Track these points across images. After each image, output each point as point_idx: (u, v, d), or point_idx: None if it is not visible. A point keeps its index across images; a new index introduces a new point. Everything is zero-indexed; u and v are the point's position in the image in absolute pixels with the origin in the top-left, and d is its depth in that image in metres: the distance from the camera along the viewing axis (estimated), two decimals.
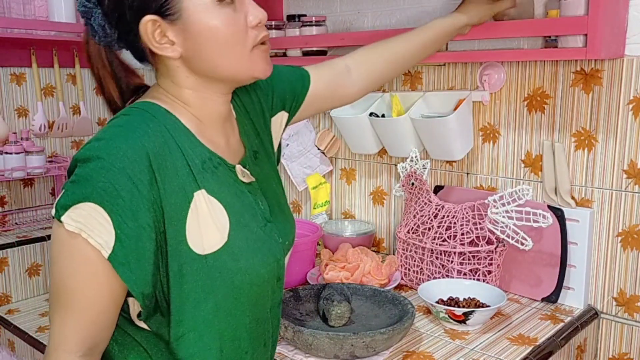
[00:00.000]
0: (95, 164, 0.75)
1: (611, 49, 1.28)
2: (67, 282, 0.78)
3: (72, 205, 0.75)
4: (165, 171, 0.79)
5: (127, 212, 0.76)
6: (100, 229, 0.75)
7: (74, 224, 0.75)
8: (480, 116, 1.58)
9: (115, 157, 0.76)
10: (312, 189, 1.92)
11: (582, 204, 1.44)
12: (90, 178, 0.75)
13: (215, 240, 0.82)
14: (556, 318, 1.38)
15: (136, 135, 0.78)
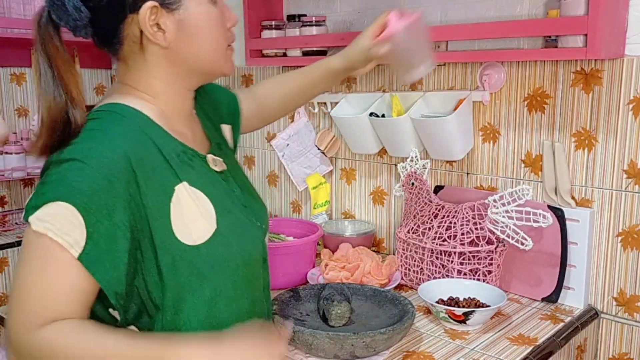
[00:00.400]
0: (69, 165, 0.77)
1: (611, 49, 1.29)
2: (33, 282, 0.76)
3: (41, 205, 0.76)
4: (145, 169, 0.81)
5: (102, 210, 0.76)
6: (70, 227, 0.75)
7: (41, 223, 0.75)
8: (480, 116, 1.58)
9: (91, 158, 0.77)
10: (312, 189, 1.92)
11: (582, 204, 1.44)
12: (63, 178, 0.76)
13: (204, 230, 0.84)
14: (556, 318, 1.38)
15: (113, 136, 0.80)
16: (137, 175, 0.79)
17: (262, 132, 2.12)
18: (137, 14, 0.83)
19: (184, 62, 0.88)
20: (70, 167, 0.77)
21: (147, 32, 0.84)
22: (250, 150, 2.18)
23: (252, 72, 2.10)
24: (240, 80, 2.15)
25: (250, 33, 1.85)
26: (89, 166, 0.77)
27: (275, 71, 2.03)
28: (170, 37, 0.85)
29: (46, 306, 0.77)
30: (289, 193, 2.09)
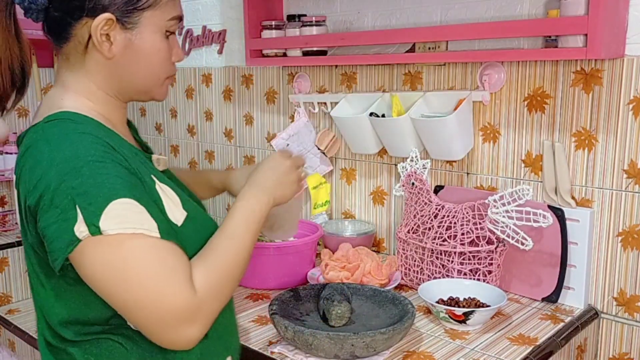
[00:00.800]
0: (89, 169, 0.78)
1: (611, 49, 1.28)
2: (144, 281, 0.79)
3: (101, 213, 0.77)
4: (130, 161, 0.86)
5: (143, 192, 0.82)
6: (139, 218, 0.79)
7: (116, 227, 0.77)
8: (480, 116, 1.58)
9: (96, 155, 0.80)
10: (313, 189, 1.92)
11: (583, 203, 1.44)
12: (98, 181, 0.78)
13: (178, 216, 0.90)
14: (556, 318, 1.38)
15: (86, 134, 0.82)
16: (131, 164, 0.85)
17: (262, 132, 2.12)
18: (92, 19, 0.86)
19: (120, 78, 0.91)
20: (93, 168, 0.78)
21: (95, 40, 0.87)
22: (250, 150, 2.18)
23: (252, 72, 2.10)
24: (241, 80, 2.15)
25: (250, 33, 1.85)
26: (107, 161, 0.80)
27: (275, 71, 2.03)
28: (116, 51, 0.89)
29: (183, 268, 0.82)
30: None
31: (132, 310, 0.80)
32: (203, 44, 2.25)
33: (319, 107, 1.90)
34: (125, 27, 0.88)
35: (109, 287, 0.79)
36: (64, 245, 0.77)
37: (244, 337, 1.29)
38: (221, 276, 0.86)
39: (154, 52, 0.91)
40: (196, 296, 0.81)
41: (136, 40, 0.89)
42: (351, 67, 1.82)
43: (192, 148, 2.41)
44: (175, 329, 0.80)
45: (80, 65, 0.90)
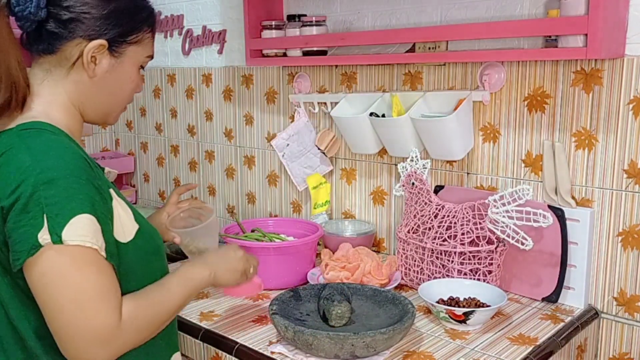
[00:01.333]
0: (65, 182, 0.84)
1: (611, 49, 1.28)
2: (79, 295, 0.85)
3: (65, 224, 0.83)
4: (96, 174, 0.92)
5: (104, 211, 0.89)
6: (97, 234, 0.86)
7: (78, 238, 0.83)
8: (480, 116, 1.58)
9: (75, 170, 0.86)
10: (313, 189, 1.92)
11: (583, 203, 1.44)
12: (69, 194, 0.84)
13: (131, 228, 0.97)
14: (556, 318, 1.38)
15: (68, 146, 0.89)
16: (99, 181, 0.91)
17: (262, 132, 2.12)
18: (87, 41, 0.94)
19: (93, 97, 0.99)
20: (67, 183, 0.84)
21: (85, 60, 0.95)
22: (250, 150, 2.18)
23: (252, 72, 2.11)
24: (241, 80, 2.15)
25: (251, 33, 1.85)
26: (81, 178, 0.86)
27: (275, 71, 2.03)
28: (98, 72, 0.97)
29: (117, 297, 0.89)
30: (289, 193, 2.09)
31: (57, 320, 0.85)
32: (203, 44, 2.25)
33: (319, 107, 1.90)
34: (112, 55, 0.98)
35: (48, 295, 0.85)
36: (27, 248, 0.83)
37: (244, 337, 1.29)
38: (146, 317, 0.93)
39: (129, 80, 1.02)
40: (118, 325, 0.87)
41: (118, 67, 0.99)
42: (351, 67, 1.82)
43: (192, 148, 2.41)
44: (87, 347, 0.85)
45: (61, 78, 0.97)
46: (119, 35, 0.97)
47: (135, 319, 0.91)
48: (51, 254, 0.83)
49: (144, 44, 1.02)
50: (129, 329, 0.89)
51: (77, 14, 0.93)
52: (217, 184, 2.35)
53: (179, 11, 2.32)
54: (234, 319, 1.39)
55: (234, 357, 1.26)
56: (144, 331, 0.93)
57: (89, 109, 1.01)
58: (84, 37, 0.94)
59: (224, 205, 2.34)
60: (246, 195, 2.24)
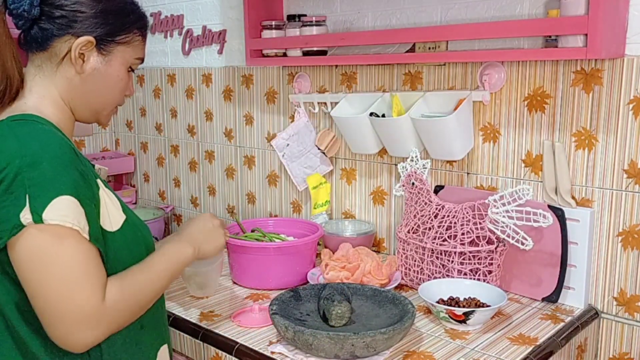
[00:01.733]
0: (49, 164, 0.87)
1: (611, 49, 1.28)
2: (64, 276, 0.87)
3: (47, 204, 0.85)
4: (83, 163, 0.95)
5: (87, 194, 0.91)
6: (78, 215, 0.88)
7: (59, 217, 0.86)
8: (480, 116, 1.58)
9: (60, 155, 0.89)
10: (313, 189, 1.92)
11: (583, 203, 1.44)
12: (52, 176, 0.87)
13: (118, 218, 0.99)
14: (556, 318, 1.38)
15: (57, 137, 0.92)
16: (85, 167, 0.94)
17: (262, 132, 2.12)
18: (75, 38, 0.98)
19: (82, 93, 1.02)
20: (50, 165, 0.87)
21: (73, 55, 0.98)
22: (250, 150, 2.18)
23: (252, 72, 2.11)
24: (241, 80, 2.15)
25: (251, 33, 1.85)
26: (64, 161, 0.89)
27: (275, 71, 2.03)
28: (86, 69, 1.01)
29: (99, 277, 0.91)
30: (289, 193, 2.09)
31: (41, 300, 0.87)
32: (203, 44, 2.25)
33: (319, 107, 1.90)
34: (100, 52, 1.01)
35: (31, 274, 0.87)
36: (9, 227, 0.85)
37: (244, 337, 1.29)
38: (131, 297, 0.95)
39: (117, 79, 1.04)
40: (102, 304, 0.90)
41: (105, 65, 1.02)
42: (351, 67, 1.82)
43: (192, 148, 2.41)
44: (71, 327, 0.88)
45: (51, 75, 1.01)
46: (107, 34, 1.00)
47: (120, 299, 0.93)
48: (32, 232, 0.85)
49: (133, 46, 1.05)
50: (114, 309, 0.92)
51: (68, 12, 0.97)
52: (217, 184, 2.35)
53: (179, 11, 2.32)
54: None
55: (234, 357, 1.26)
56: (128, 311, 0.96)
57: (78, 106, 1.04)
58: (73, 34, 0.98)
59: (224, 205, 2.34)
60: (246, 195, 2.24)
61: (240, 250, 1.56)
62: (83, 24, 0.98)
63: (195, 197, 2.45)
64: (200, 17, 2.24)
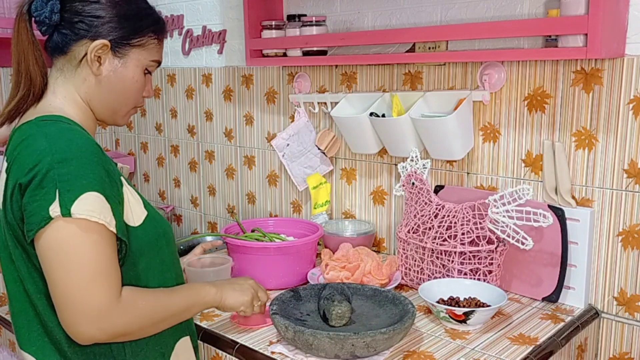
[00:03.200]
0: (77, 162, 0.92)
1: (611, 49, 1.28)
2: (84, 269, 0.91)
3: (75, 199, 0.90)
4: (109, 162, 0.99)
5: (113, 191, 0.95)
6: (105, 211, 0.92)
7: (85, 212, 0.90)
8: (480, 116, 1.58)
9: (87, 153, 0.94)
10: (313, 189, 1.92)
11: (583, 203, 1.44)
12: (81, 173, 0.92)
13: (140, 214, 1.03)
14: (557, 318, 1.38)
15: (83, 136, 0.97)
16: (110, 166, 0.98)
17: (262, 132, 2.12)
18: (91, 41, 1.02)
19: (100, 94, 1.07)
20: (78, 163, 0.92)
21: (89, 58, 1.03)
22: (250, 150, 2.18)
23: (252, 72, 2.10)
24: (241, 80, 2.15)
25: (250, 33, 1.85)
26: (92, 160, 0.94)
27: (275, 71, 2.03)
28: (103, 71, 1.05)
29: (117, 276, 0.94)
30: (289, 193, 2.09)
31: (59, 288, 0.91)
32: (203, 44, 2.25)
33: (319, 107, 1.90)
34: (116, 55, 1.05)
35: (52, 262, 0.91)
36: (39, 220, 0.90)
37: (244, 337, 1.29)
38: (145, 309, 0.98)
39: (132, 81, 1.07)
40: (113, 304, 0.93)
41: (121, 68, 1.06)
42: (351, 67, 1.82)
43: (192, 148, 2.41)
44: (81, 319, 0.91)
45: (71, 77, 1.05)
46: (122, 37, 1.04)
47: (134, 305, 0.96)
48: (60, 224, 0.90)
49: (149, 49, 1.08)
50: (125, 311, 0.94)
51: (86, 17, 1.02)
52: (217, 184, 2.34)
53: (179, 11, 2.32)
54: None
55: (234, 357, 1.26)
56: (138, 321, 0.97)
57: (97, 106, 1.08)
58: (90, 38, 1.02)
59: (224, 205, 2.34)
60: (246, 195, 2.24)
61: (241, 250, 1.55)
62: (99, 28, 1.02)
63: (196, 197, 2.45)
64: (200, 17, 2.24)
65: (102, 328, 0.92)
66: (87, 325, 0.92)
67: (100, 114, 1.10)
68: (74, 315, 0.91)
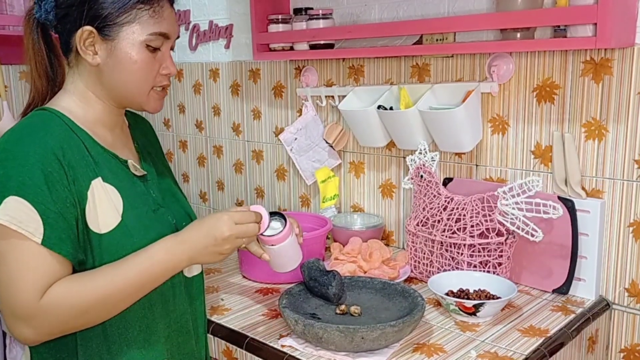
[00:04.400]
0: (13, 162, 0.90)
1: (621, 38, 1.27)
2: (6, 271, 0.90)
3: (1, 202, 0.89)
4: (70, 163, 0.95)
5: (47, 198, 0.90)
6: (27, 219, 0.89)
7: (5, 217, 0.89)
8: (489, 107, 1.57)
9: (26, 155, 0.91)
10: (321, 183, 1.92)
11: (593, 194, 1.43)
12: (11, 175, 0.90)
13: (111, 220, 0.97)
14: (567, 309, 1.38)
15: (41, 133, 0.94)
16: (64, 167, 0.93)
17: (270, 126, 2.12)
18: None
19: (106, 83, 1.03)
20: (11, 165, 0.90)
21: (79, 48, 1.00)
22: (259, 144, 2.18)
23: (259, 66, 2.10)
24: (248, 74, 2.15)
25: (257, 27, 1.84)
26: (27, 162, 0.90)
27: (282, 65, 2.03)
28: (100, 59, 1.00)
29: (38, 278, 0.91)
30: (297, 187, 2.09)
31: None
32: (210, 38, 2.25)
33: (327, 101, 1.90)
34: (106, 39, 0.99)
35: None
36: None
37: (254, 330, 1.30)
38: (75, 304, 0.93)
39: (130, 61, 1.00)
40: (35, 304, 0.90)
41: (115, 51, 1.00)
42: (358, 60, 1.82)
43: (200, 143, 2.42)
44: (12, 322, 0.92)
45: (78, 71, 1.04)
46: (105, 19, 0.98)
47: (60, 304, 0.92)
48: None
49: (142, 22, 0.99)
50: (49, 311, 0.92)
51: (65, 8, 0.99)
52: (225, 179, 2.35)
53: (185, 6, 2.32)
54: (244, 313, 1.39)
55: (245, 350, 1.27)
56: (70, 316, 0.93)
57: (110, 95, 1.04)
58: (78, 28, 0.99)
59: (233, 200, 2.34)
60: (255, 189, 2.25)
61: None
62: (80, 16, 0.98)
63: (204, 192, 2.46)
64: (207, 12, 2.24)
65: (31, 330, 0.92)
66: (17, 328, 0.92)
67: (119, 103, 1.05)
68: (7, 316, 0.93)
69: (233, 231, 1.02)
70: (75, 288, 0.93)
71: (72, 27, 0.99)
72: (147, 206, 1.05)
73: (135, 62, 1.00)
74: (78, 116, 1.02)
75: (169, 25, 1.03)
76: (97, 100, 1.04)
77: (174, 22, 1.05)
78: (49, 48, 1.05)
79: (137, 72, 1.01)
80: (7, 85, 2.21)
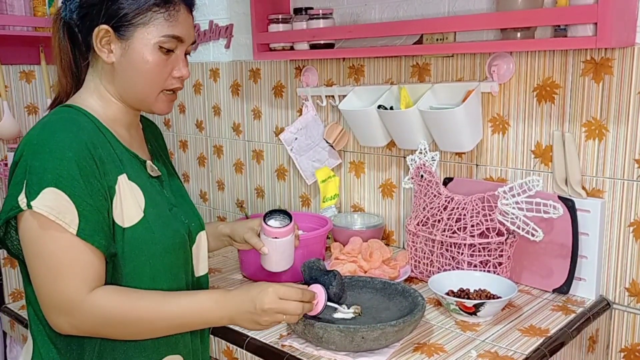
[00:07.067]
0: (50, 155, 0.92)
1: (622, 38, 1.27)
2: (49, 262, 0.92)
3: (39, 192, 0.91)
4: (101, 158, 0.98)
5: (83, 191, 0.93)
6: (64, 210, 0.91)
7: (45, 208, 0.90)
8: (489, 107, 1.57)
9: (62, 148, 0.93)
10: (321, 183, 1.92)
11: (593, 194, 1.43)
12: (49, 167, 0.91)
13: (134, 215, 1.00)
14: (568, 309, 1.38)
15: (74, 128, 0.97)
16: (96, 161, 0.96)
17: (270, 126, 2.12)
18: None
19: (120, 82, 1.05)
20: (50, 157, 0.92)
21: (95, 47, 1.02)
22: (259, 144, 2.18)
23: (260, 66, 2.10)
24: (248, 74, 2.15)
25: (257, 27, 1.84)
26: (65, 156, 0.92)
27: (282, 65, 2.03)
28: (115, 58, 1.03)
29: (87, 274, 0.94)
30: (297, 187, 2.09)
31: (36, 282, 0.95)
32: (210, 38, 2.25)
33: (327, 101, 1.90)
34: (121, 38, 1.02)
35: (27, 254, 0.95)
36: (8, 208, 0.93)
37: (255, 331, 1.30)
38: (116, 317, 0.96)
39: (143, 62, 1.02)
40: (80, 297, 0.93)
41: (129, 50, 1.02)
42: (359, 60, 1.82)
43: (200, 143, 2.42)
44: (51, 312, 0.95)
45: (93, 69, 1.07)
46: (121, 19, 1.01)
47: (104, 308, 0.94)
48: (26, 215, 0.93)
49: (156, 24, 1.02)
50: (92, 310, 0.94)
51: (87, 7, 1.02)
52: (226, 178, 2.35)
53: None
54: None
55: (245, 350, 1.27)
56: (107, 326, 0.96)
57: (123, 95, 1.06)
58: (96, 26, 1.02)
59: (233, 199, 2.34)
60: (255, 189, 2.25)
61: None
62: (99, 15, 1.01)
63: (205, 192, 2.46)
64: (207, 12, 2.24)
65: (70, 322, 0.94)
66: (56, 317, 0.94)
67: (131, 103, 1.07)
68: (45, 305, 0.95)
69: (273, 305, 1.01)
70: (122, 299, 0.96)
71: (91, 26, 1.02)
72: (164, 205, 1.08)
73: (147, 63, 1.03)
74: (100, 114, 1.05)
75: (183, 29, 1.05)
76: (109, 99, 1.07)
77: (189, 27, 1.07)
78: (74, 47, 1.08)
79: (148, 73, 1.03)
80: (7, 85, 2.21)
